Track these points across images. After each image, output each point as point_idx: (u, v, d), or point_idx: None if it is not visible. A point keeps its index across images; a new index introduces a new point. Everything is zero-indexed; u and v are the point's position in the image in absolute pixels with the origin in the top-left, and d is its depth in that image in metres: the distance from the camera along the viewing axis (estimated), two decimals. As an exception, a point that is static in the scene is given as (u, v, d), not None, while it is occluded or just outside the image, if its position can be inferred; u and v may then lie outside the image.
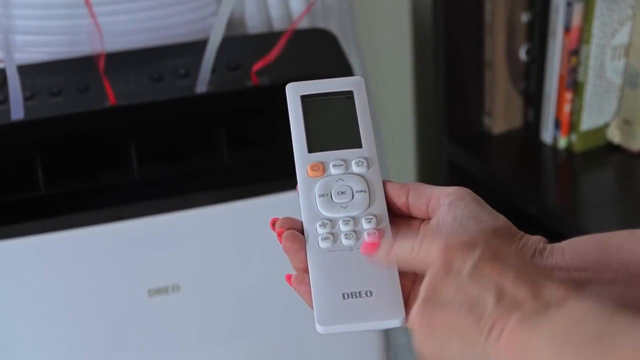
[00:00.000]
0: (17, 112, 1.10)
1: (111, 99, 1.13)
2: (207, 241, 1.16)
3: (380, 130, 1.50)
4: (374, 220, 0.65)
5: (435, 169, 1.67)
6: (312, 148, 0.68)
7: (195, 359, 1.21)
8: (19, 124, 1.11)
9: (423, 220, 0.66)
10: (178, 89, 1.16)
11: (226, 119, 1.15)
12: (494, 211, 0.64)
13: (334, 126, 0.69)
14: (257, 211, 1.15)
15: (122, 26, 1.21)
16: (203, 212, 1.14)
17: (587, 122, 1.46)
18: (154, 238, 1.13)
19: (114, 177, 1.14)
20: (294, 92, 0.70)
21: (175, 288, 1.16)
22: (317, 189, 0.66)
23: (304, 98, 0.69)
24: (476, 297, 0.55)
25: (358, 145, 0.68)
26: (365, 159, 0.67)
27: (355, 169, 0.67)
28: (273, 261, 1.00)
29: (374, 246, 0.63)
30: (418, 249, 0.59)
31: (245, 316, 1.20)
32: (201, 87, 1.15)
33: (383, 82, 1.66)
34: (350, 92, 0.70)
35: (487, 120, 1.54)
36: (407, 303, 0.62)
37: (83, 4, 1.16)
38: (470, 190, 0.65)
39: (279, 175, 1.12)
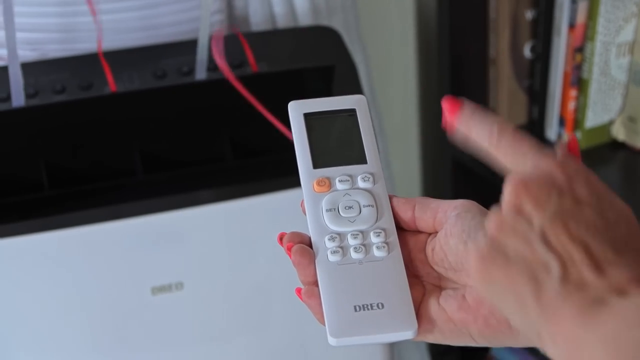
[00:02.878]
0: (17, 99, 1.10)
1: (114, 97, 1.13)
2: (210, 239, 1.16)
3: (384, 129, 1.50)
4: (382, 234, 0.65)
5: (439, 167, 1.67)
6: (317, 164, 0.68)
7: (198, 357, 1.21)
8: (21, 117, 1.11)
9: (430, 234, 0.66)
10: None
11: (227, 111, 1.15)
12: None
13: (338, 143, 0.69)
14: (261, 209, 1.15)
15: (125, 24, 1.21)
16: (207, 210, 1.14)
17: (592, 120, 1.46)
18: (157, 236, 1.13)
19: (118, 177, 1.14)
20: (297, 110, 0.70)
21: (179, 286, 1.16)
22: (324, 204, 0.66)
23: (307, 116, 0.70)
24: (541, 262, 0.52)
25: (363, 161, 0.68)
26: (371, 174, 0.67)
27: (361, 184, 0.67)
28: (277, 259, 1.00)
29: (455, 108, 0.60)
30: (496, 142, 0.58)
31: (249, 314, 1.20)
32: (200, 74, 1.15)
33: (387, 80, 1.66)
34: (353, 110, 0.70)
35: (491, 118, 1.54)
36: (418, 314, 0.62)
37: (78, 1, 1.16)
38: (476, 202, 0.64)
39: (282, 173, 1.12)
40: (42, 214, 1.10)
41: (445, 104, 0.61)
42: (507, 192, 0.55)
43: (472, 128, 0.60)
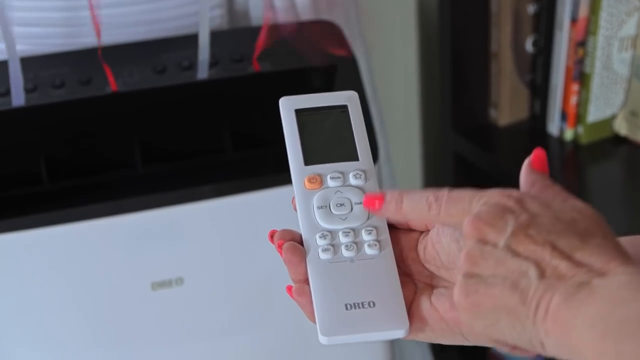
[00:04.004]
0: (17, 97, 1.10)
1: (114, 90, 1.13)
2: (210, 234, 1.16)
3: (386, 124, 1.49)
4: (374, 232, 0.64)
5: (440, 161, 1.66)
6: (308, 160, 0.67)
7: (198, 352, 1.20)
8: (21, 114, 1.11)
9: (421, 232, 0.65)
10: (182, 80, 1.16)
11: (229, 107, 1.15)
12: None
13: (329, 139, 0.69)
14: (262, 204, 1.15)
15: (125, 18, 1.21)
16: (207, 205, 1.13)
17: (594, 114, 1.45)
18: (157, 231, 1.13)
19: (118, 171, 1.14)
20: (288, 106, 0.69)
21: (179, 281, 1.15)
22: (315, 201, 0.66)
23: (298, 112, 0.69)
24: (517, 272, 0.55)
25: (355, 158, 0.68)
26: (363, 171, 0.67)
27: (353, 181, 0.66)
28: (277, 255, 0.99)
29: (378, 199, 0.62)
30: (437, 209, 0.59)
31: (249, 309, 1.20)
32: (202, 73, 1.15)
33: (388, 74, 1.66)
34: (345, 107, 0.69)
35: (493, 112, 1.53)
36: (409, 313, 0.62)
37: None
38: None
39: (284, 167, 1.11)
40: (41, 209, 1.10)
41: (365, 201, 0.63)
42: (467, 230, 0.57)
43: (406, 211, 0.61)
